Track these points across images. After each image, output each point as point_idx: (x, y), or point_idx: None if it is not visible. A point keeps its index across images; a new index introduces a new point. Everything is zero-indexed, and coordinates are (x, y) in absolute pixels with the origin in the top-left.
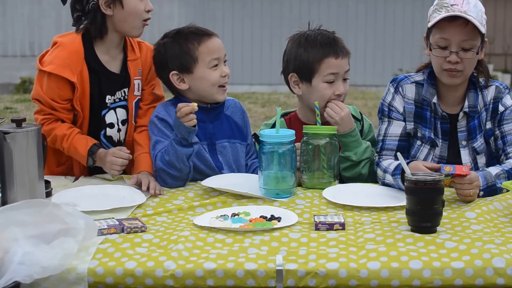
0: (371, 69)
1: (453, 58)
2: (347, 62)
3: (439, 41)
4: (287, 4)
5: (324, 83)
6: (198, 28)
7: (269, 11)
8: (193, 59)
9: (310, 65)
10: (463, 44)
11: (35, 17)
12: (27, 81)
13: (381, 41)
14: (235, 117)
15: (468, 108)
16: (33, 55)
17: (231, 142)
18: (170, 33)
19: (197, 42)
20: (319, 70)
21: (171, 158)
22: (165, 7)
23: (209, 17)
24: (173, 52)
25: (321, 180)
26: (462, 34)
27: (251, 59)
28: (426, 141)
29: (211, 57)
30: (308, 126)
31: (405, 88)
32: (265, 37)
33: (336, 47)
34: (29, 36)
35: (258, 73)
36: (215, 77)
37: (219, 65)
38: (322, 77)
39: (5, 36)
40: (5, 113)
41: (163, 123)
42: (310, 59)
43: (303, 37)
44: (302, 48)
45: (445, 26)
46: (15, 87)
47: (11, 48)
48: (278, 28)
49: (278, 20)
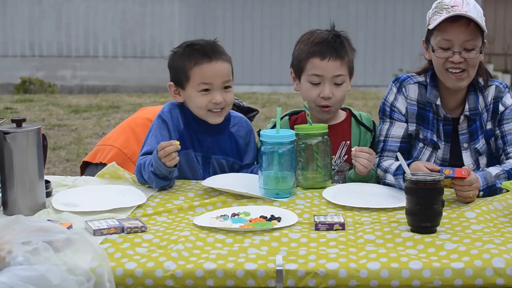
0: (371, 69)
1: (456, 58)
2: (338, 66)
3: (441, 42)
4: (287, 5)
5: (308, 83)
6: (207, 47)
7: (269, 11)
8: (185, 77)
9: (298, 62)
10: (466, 44)
11: (35, 18)
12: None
13: (381, 41)
14: (239, 136)
15: (469, 111)
16: (33, 55)
17: (228, 160)
18: (184, 44)
19: (193, 62)
20: (305, 68)
21: (149, 180)
22: (165, 8)
23: (209, 18)
24: (175, 64)
25: (316, 179)
26: (464, 35)
27: (251, 59)
28: (428, 143)
29: (201, 81)
30: (299, 126)
31: (408, 88)
32: (265, 37)
33: (326, 48)
34: (29, 36)
35: (258, 73)
36: (202, 102)
37: (211, 91)
38: (307, 76)
39: (5, 36)
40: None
41: (163, 124)
42: (299, 55)
43: (309, 33)
44: (299, 43)
45: (447, 27)
46: (15, 87)
47: (11, 48)
48: (278, 28)
49: (278, 20)
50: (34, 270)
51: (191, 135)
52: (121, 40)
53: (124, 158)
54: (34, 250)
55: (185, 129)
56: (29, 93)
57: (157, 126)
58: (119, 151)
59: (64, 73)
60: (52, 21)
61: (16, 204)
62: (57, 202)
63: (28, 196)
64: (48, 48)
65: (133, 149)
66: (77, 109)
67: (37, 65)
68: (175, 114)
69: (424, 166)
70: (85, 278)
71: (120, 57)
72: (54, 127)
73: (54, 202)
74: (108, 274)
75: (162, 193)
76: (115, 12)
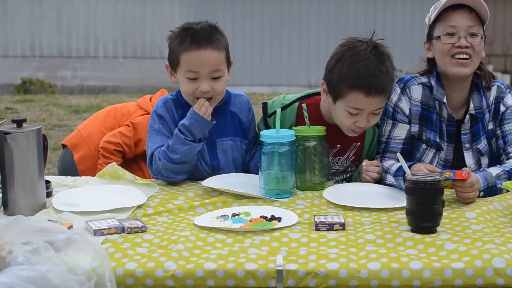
0: None
1: (463, 42)
2: (381, 100)
3: (446, 29)
4: (287, 5)
5: (345, 111)
6: (199, 33)
7: (269, 12)
8: (175, 61)
9: (338, 88)
10: (470, 29)
11: (36, 18)
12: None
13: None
14: (241, 115)
15: (475, 110)
16: (33, 55)
17: (234, 140)
18: (183, 25)
19: (183, 48)
20: (346, 97)
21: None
22: (165, 8)
23: (209, 18)
24: (170, 45)
25: (314, 182)
26: (468, 20)
27: (251, 59)
28: (432, 145)
29: (188, 68)
30: (297, 128)
31: (412, 89)
32: (265, 38)
33: (373, 82)
34: (30, 36)
35: (259, 74)
36: (189, 89)
37: (198, 79)
38: (346, 106)
39: (6, 37)
40: (6, 114)
41: (161, 120)
42: (340, 81)
43: (349, 48)
44: (340, 62)
45: (450, 16)
46: (16, 87)
47: (12, 48)
48: (278, 29)
49: (278, 21)
50: (34, 270)
51: None
52: (121, 41)
53: (80, 138)
54: (34, 250)
55: (181, 120)
56: (30, 93)
57: (157, 122)
58: (78, 132)
59: (65, 73)
60: (52, 21)
61: (16, 204)
62: (58, 202)
63: (29, 196)
64: (48, 48)
65: (90, 130)
66: (78, 109)
67: (37, 66)
68: (170, 108)
69: (425, 168)
70: (86, 278)
71: (120, 57)
72: (55, 127)
73: (55, 202)
74: (109, 273)
75: (162, 193)
76: (116, 13)
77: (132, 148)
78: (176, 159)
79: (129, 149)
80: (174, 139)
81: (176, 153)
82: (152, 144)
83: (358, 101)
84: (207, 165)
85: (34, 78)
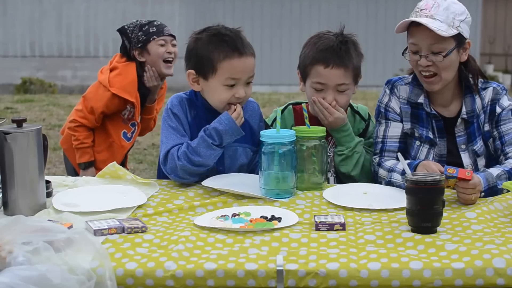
0: (372, 70)
1: (423, 62)
2: (341, 74)
3: (410, 46)
4: (287, 5)
5: (312, 88)
6: (237, 40)
7: (269, 11)
8: (212, 69)
9: (304, 67)
10: (432, 48)
11: (36, 18)
12: (27, 81)
13: (381, 41)
14: (252, 122)
15: (466, 115)
16: (33, 55)
17: (244, 146)
18: (211, 30)
19: (223, 55)
20: (310, 74)
21: (201, 159)
22: (166, 8)
23: (209, 18)
24: (199, 51)
25: (313, 182)
26: (429, 39)
27: None
28: (425, 141)
29: (230, 76)
30: (297, 128)
31: (399, 89)
32: (265, 37)
33: (331, 55)
34: (30, 36)
35: (259, 73)
36: (226, 96)
37: (236, 86)
38: (311, 82)
39: (6, 36)
40: (6, 114)
41: (176, 118)
42: (304, 60)
43: (316, 37)
44: (306, 47)
45: (413, 32)
46: (16, 87)
47: (12, 48)
48: (278, 28)
49: (278, 20)
50: (34, 270)
51: (203, 126)
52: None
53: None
54: (34, 250)
55: (194, 121)
56: (30, 93)
57: (174, 120)
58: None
59: (65, 73)
60: (52, 21)
61: (16, 204)
62: (58, 202)
63: (29, 196)
64: (48, 48)
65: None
66: None
67: (37, 65)
68: (184, 107)
69: (433, 164)
70: (86, 278)
71: None
72: (55, 127)
73: (55, 202)
74: (109, 272)
75: (163, 193)
76: (116, 12)
77: (89, 117)
78: (197, 162)
79: (86, 120)
80: (199, 142)
81: (199, 156)
82: (168, 141)
83: (319, 74)
84: (212, 169)
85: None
